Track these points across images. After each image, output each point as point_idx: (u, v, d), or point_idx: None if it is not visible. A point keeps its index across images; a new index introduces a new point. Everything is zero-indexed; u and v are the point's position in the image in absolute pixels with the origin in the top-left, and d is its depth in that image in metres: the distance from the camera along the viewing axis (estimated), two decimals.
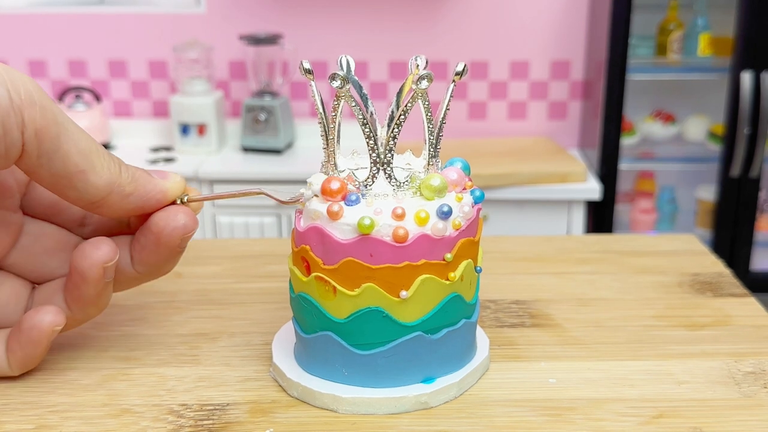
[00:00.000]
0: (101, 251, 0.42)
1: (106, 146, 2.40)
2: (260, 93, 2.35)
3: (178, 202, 0.46)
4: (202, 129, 2.34)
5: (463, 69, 0.74)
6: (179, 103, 2.32)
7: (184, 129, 2.35)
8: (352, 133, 0.98)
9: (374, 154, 0.77)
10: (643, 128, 2.37)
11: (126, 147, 2.43)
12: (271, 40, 2.32)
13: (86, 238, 0.45)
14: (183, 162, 2.25)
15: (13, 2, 2.49)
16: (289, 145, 2.40)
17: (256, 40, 2.31)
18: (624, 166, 2.30)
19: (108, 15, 2.45)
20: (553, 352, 0.88)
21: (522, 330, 0.93)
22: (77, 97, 2.41)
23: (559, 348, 0.89)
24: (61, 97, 2.40)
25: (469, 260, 0.78)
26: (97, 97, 2.44)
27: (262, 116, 2.30)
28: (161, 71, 2.49)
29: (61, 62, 2.51)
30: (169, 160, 2.27)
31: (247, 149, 2.34)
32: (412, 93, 0.72)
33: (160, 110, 2.53)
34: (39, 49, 2.49)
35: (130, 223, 0.47)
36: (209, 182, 2.19)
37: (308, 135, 2.47)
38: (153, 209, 0.44)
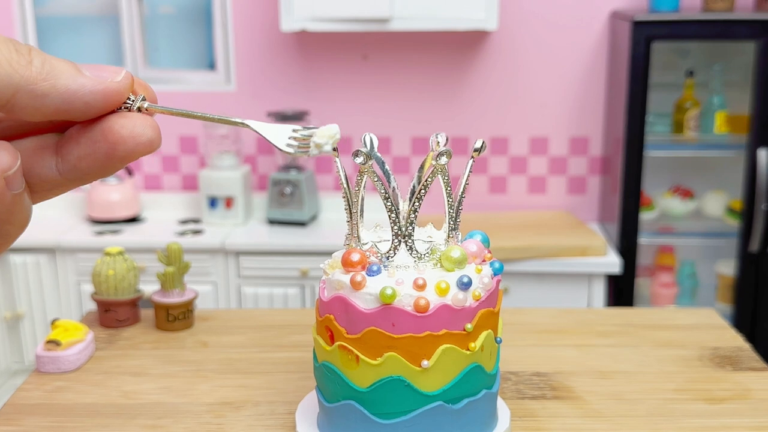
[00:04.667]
0: None
1: (136, 219, 2.47)
2: (286, 167, 2.42)
3: (135, 108, 0.37)
4: (229, 202, 2.40)
5: (482, 146, 0.78)
6: (208, 177, 2.39)
7: (212, 202, 2.41)
8: (375, 206, 1.02)
9: (396, 227, 0.81)
10: (662, 203, 2.39)
11: (155, 219, 2.50)
12: (298, 116, 2.40)
13: None
14: (210, 234, 2.30)
15: None
16: (314, 218, 2.45)
17: (283, 117, 2.39)
18: (643, 240, 2.31)
19: None
20: (574, 425, 0.88)
21: (543, 402, 0.94)
22: None
23: (579, 421, 0.89)
24: None
25: (490, 331, 0.80)
26: (129, 171, 2.52)
27: (288, 190, 2.36)
28: (191, 146, 2.58)
29: None
30: (197, 231, 2.32)
31: (272, 221, 2.39)
32: (432, 168, 0.76)
33: (190, 184, 2.61)
34: None
35: (52, 120, 0.38)
36: (235, 253, 2.24)
37: (333, 208, 2.52)
38: (86, 114, 0.35)
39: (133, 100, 0.37)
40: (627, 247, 2.24)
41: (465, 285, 0.73)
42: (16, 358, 2.36)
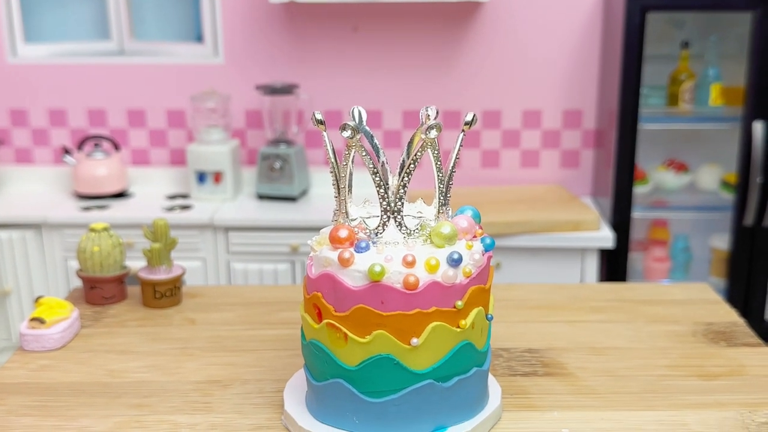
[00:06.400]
0: None
1: (123, 194, 2.44)
2: (276, 141, 2.39)
3: None
4: (218, 177, 2.38)
5: (473, 119, 0.76)
6: (196, 152, 2.36)
7: (201, 177, 2.38)
8: (365, 181, 1.00)
9: (385, 203, 0.79)
10: (656, 177, 2.38)
11: (143, 194, 2.47)
12: (287, 90, 2.37)
13: None
14: (199, 209, 2.27)
15: (35, 53, 2.56)
16: (304, 193, 2.42)
17: (272, 90, 2.35)
18: (637, 214, 2.30)
19: (127, 65, 2.52)
20: (566, 402, 0.87)
21: (535, 379, 0.93)
22: (96, 145, 2.45)
23: (572, 397, 0.88)
24: (80, 145, 2.45)
25: (480, 308, 0.79)
26: (116, 146, 2.48)
27: (278, 164, 2.34)
28: (179, 120, 2.54)
29: (80, 111, 2.57)
30: (185, 207, 2.30)
31: (262, 197, 2.36)
32: (422, 142, 0.74)
33: (178, 158, 2.57)
34: (59, 99, 2.55)
35: None
36: (224, 229, 2.21)
37: (323, 183, 2.50)
38: None
39: None
40: (620, 221, 2.24)
41: (455, 261, 0.72)
42: (3, 336, 2.34)
